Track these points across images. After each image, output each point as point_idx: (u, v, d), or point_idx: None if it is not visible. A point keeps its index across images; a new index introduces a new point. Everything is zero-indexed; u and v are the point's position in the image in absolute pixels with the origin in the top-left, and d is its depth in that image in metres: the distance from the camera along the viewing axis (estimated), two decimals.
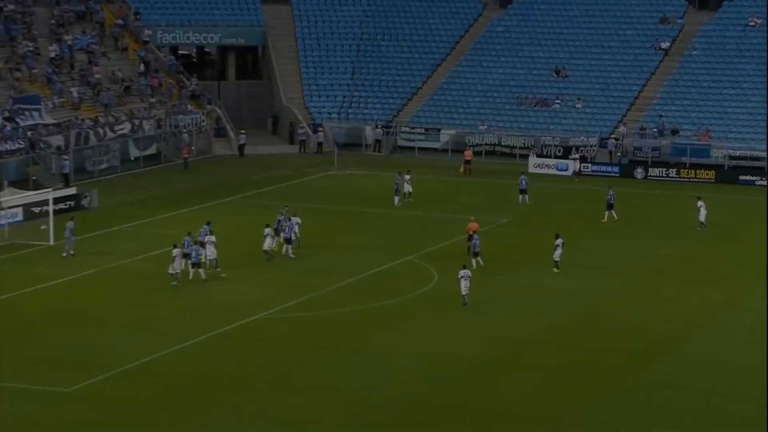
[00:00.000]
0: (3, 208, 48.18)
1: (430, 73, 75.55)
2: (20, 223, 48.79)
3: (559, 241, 42.96)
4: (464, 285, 38.68)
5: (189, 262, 41.17)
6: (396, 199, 53.75)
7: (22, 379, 31.57)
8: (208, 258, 42.13)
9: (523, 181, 55.49)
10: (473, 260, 42.51)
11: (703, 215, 49.65)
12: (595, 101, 71.16)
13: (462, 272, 38.96)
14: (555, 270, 42.87)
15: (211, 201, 54.89)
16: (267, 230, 43.80)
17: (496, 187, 60.78)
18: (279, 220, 45.45)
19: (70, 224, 44.84)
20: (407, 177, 54.74)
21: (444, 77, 74.90)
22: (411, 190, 54.71)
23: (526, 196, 55.11)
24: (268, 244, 43.57)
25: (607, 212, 51.48)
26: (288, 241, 44.22)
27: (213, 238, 42.35)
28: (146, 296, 39.96)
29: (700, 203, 50.06)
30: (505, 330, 36.81)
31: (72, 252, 44.36)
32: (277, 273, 42.95)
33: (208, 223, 43.97)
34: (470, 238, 44.39)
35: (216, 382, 31.97)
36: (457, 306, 39.00)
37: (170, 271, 40.31)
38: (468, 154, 64.33)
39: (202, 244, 42.95)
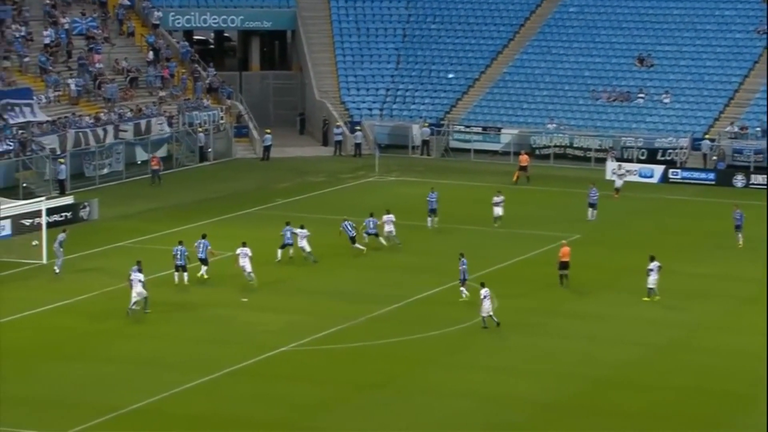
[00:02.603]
0: None
1: (489, 62, 75.51)
2: (8, 238, 49.28)
3: (653, 265, 42.63)
4: (487, 306, 39.00)
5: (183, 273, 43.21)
6: (429, 220, 52.68)
7: (7, 423, 31.79)
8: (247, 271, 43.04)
9: (593, 194, 54.88)
10: (462, 289, 42.23)
11: None
12: (686, 95, 70.72)
13: (483, 291, 39.22)
14: (649, 299, 42.46)
15: (229, 213, 55.15)
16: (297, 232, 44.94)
17: (566, 196, 60.53)
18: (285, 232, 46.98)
19: (61, 236, 45.31)
20: (499, 199, 52.59)
21: (505, 67, 74.82)
22: (501, 213, 52.65)
23: (595, 211, 54.52)
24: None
25: (738, 235, 50.57)
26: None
27: (248, 250, 43.60)
28: (152, 325, 40.17)
29: None
30: (576, 367, 36.60)
31: (58, 271, 44.71)
32: (307, 298, 43.08)
33: (204, 236, 44.78)
34: (562, 265, 43.85)
35: (235, 426, 32.02)
36: (521, 338, 38.87)
37: (134, 300, 40.27)
38: (524, 158, 64.12)
39: (204, 261, 43.70)
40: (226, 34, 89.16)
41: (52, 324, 40.13)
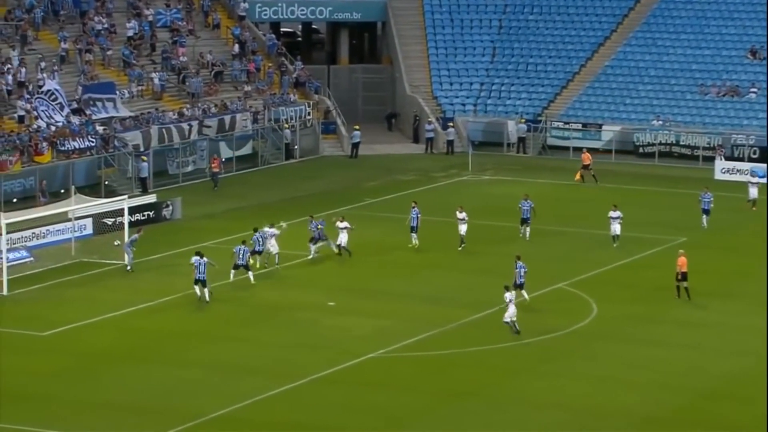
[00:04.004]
0: (70, 220, 49.57)
1: (590, 54, 74.94)
2: (89, 238, 50.14)
3: None
4: (512, 311, 39.06)
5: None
6: (522, 230, 50.91)
7: (86, 428, 32.35)
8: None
9: (707, 198, 53.73)
10: (521, 292, 42.09)
11: None
12: None
13: (507, 295, 39.29)
14: None
15: (316, 212, 55.20)
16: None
17: (671, 197, 59.91)
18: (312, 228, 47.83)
19: (134, 236, 46.00)
20: (616, 215, 49.21)
21: (607, 60, 74.19)
22: (619, 232, 48.74)
23: (708, 218, 53.28)
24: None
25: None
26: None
27: (275, 231, 45.58)
28: (236, 329, 40.57)
29: None
30: (680, 378, 36.23)
31: (130, 268, 45.61)
32: (395, 302, 43.15)
33: (256, 230, 46.04)
34: (680, 277, 42.99)
35: None
36: (622, 346, 38.59)
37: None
38: (586, 157, 63.54)
39: (260, 254, 45.69)
40: (314, 26, 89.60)
41: (134, 326, 40.70)
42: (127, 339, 39.35)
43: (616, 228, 49.37)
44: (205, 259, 42.30)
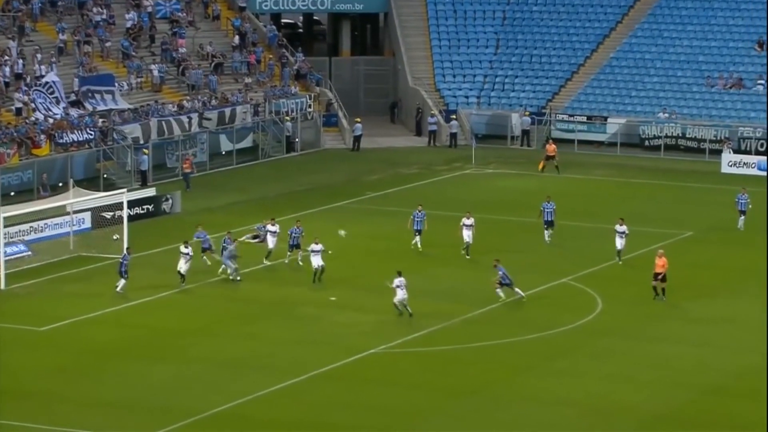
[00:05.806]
0: (68, 214, 49.55)
1: (595, 46, 74.87)
2: (87, 232, 50.11)
3: None
4: (401, 295, 39.82)
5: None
6: (546, 234, 49.43)
7: (86, 425, 32.32)
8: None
9: (743, 200, 51.99)
10: (498, 291, 41.76)
11: None
12: None
13: (397, 281, 39.78)
14: None
15: (317, 206, 55.44)
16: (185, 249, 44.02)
17: (678, 190, 59.83)
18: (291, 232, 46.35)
19: (231, 248, 44.41)
20: (622, 229, 47.12)
21: (613, 51, 74.12)
22: (623, 247, 46.51)
23: (743, 219, 51.87)
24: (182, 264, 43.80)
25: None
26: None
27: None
28: (236, 325, 40.54)
29: None
30: (688, 375, 36.19)
31: (240, 278, 44.36)
32: None
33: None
34: (657, 277, 42.18)
35: (321, 431, 32.22)
36: (629, 343, 38.59)
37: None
38: (551, 148, 63.66)
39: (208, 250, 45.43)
40: (315, 17, 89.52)
41: (134, 322, 40.68)
42: (126, 335, 39.33)
43: (620, 243, 47.13)
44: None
